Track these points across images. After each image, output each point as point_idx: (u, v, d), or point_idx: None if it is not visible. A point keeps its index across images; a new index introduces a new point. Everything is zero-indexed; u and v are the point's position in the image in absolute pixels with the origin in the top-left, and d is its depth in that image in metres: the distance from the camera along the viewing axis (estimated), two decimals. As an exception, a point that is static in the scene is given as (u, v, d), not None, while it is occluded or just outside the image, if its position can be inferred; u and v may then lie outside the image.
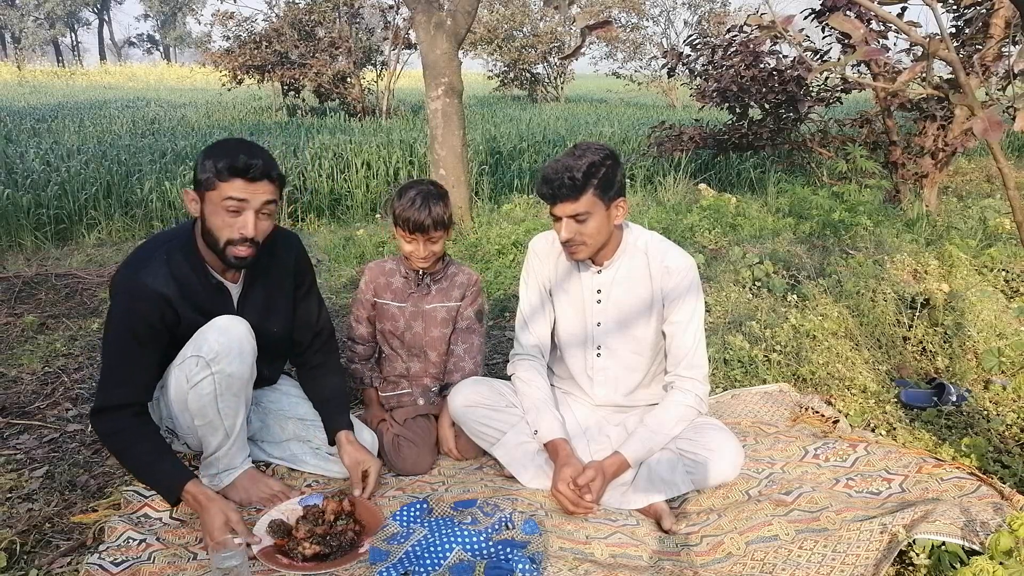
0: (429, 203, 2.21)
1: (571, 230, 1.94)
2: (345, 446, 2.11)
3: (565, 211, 1.92)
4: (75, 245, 5.50)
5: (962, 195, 6.58)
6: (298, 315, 2.19)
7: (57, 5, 47.24)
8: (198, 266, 1.92)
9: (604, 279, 2.09)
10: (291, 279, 2.14)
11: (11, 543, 1.86)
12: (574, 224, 1.93)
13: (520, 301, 2.26)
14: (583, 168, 1.87)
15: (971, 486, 1.95)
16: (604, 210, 1.94)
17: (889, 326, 3.10)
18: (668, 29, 22.08)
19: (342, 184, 7.00)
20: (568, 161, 1.90)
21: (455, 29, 4.97)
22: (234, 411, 1.94)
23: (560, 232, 1.97)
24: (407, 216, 2.21)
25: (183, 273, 1.89)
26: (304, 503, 1.97)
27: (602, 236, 1.98)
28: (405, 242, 2.27)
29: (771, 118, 6.77)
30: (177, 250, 1.90)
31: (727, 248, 4.71)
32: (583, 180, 1.88)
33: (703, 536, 1.86)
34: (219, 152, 1.81)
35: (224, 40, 14.89)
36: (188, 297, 1.89)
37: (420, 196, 2.21)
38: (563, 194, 1.90)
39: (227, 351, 1.85)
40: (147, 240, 1.98)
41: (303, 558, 1.78)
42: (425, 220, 2.20)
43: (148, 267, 1.86)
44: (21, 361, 3.10)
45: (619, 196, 1.97)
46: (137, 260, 1.88)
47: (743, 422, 2.51)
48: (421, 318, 2.39)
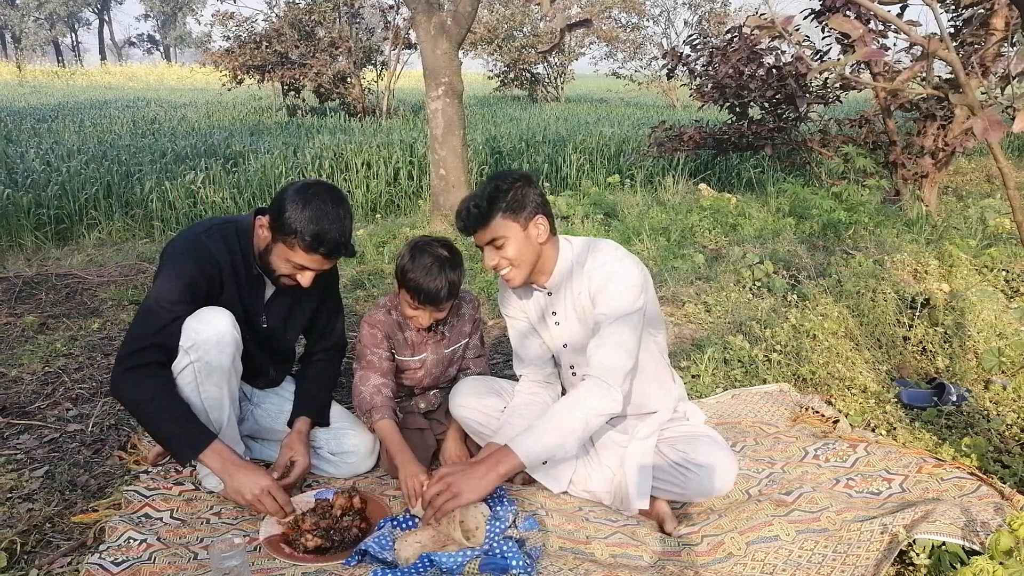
0: (445, 272, 2.05)
1: (492, 256, 1.93)
2: (292, 433, 2.13)
3: (481, 239, 1.93)
4: (75, 245, 5.51)
5: (962, 195, 6.58)
6: (317, 325, 2.26)
7: (58, 5, 47.25)
8: (247, 253, 1.99)
9: (556, 301, 2.06)
10: (319, 294, 2.19)
11: (11, 543, 1.86)
12: (494, 251, 1.92)
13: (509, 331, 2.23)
14: (487, 195, 1.89)
15: (971, 486, 1.95)
16: (521, 231, 1.90)
17: (889, 326, 3.10)
18: (668, 29, 22.10)
19: (342, 184, 7.01)
20: (476, 192, 1.94)
21: (455, 30, 4.97)
22: (218, 404, 1.95)
23: (485, 261, 1.97)
24: (419, 285, 2.03)
25: (234, 252, 1.97)
26: (319, 496, 2.00)
27: (527, 257, 1.93)
28: (409, 307, 2.12)
29: (771, 117, 6.77)
30: (234, 233, 1.98)
31: (727, 248, 4.71)
32: (488, 206, 1.88)
33: (703, 536, 1.86)
34: (312, 216, 1.81)
35: (224, 40, 14.90)
36: (234, 275, 1.97)
37: (436, 264, 2.04)
38: (471, 223, 1.91)
39: (205, 340, 1.87)
40: (205, 219, 2.05)
41: (304, 550, 1.79)
42: (440, 292, 2.05)
43: (209, 235, 1.94)
44: (21, 361, 3.10)
45: (536, 214, 1.92)
46: (199, 228, 1.97)
47: (743, 422, 2.51)
48: (440, 364, 2.34)
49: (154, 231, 5.89)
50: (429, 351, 2.30)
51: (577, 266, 2.00)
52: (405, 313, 2.17)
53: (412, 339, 2.27)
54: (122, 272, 4.52)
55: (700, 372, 2.92)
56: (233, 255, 1.96)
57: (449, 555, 1.68)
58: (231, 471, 1.84)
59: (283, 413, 2.25)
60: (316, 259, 1.87)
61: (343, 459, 2.23)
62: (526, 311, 2.16)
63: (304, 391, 2.25)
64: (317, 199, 1.84)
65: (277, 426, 2.24)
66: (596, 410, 1.83)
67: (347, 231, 1.89)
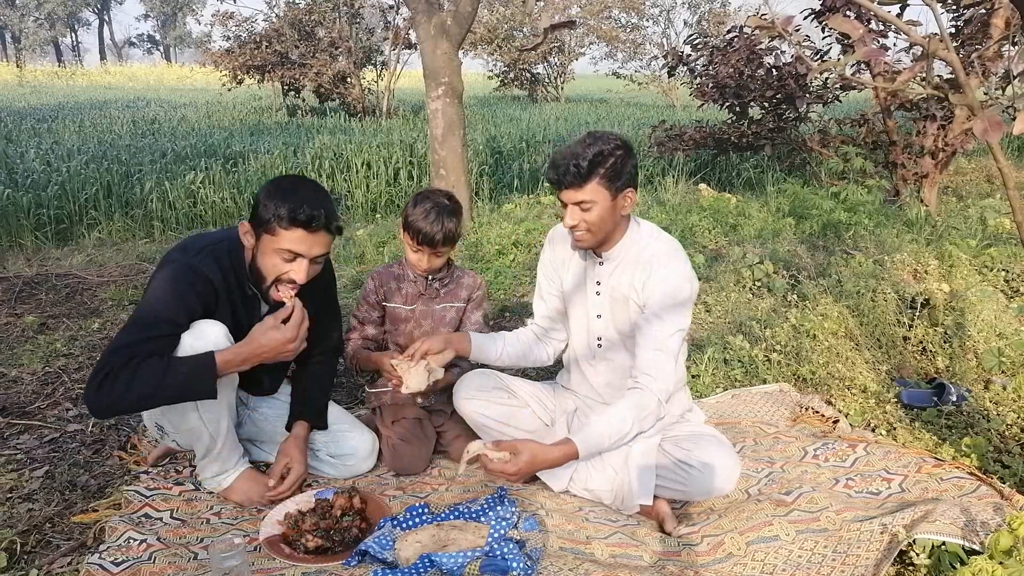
0: (442, 218, 2.20)
1: (575, 217, 1.96)
2: (290, 438, 2.13)
3: (570, 198, 1.94)
4: (75, 245, 5.50)
5: (962, 195, 6.58)
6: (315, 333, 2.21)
7: (58, 5, 47.22)
8: (240, 273, 1.96)
9: (603, 271, 2.09)
10: (315, 304, 2.16)
11: (11, 543, 1.86)
12: (578, 211, 1.95)
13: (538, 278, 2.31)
14: (589, 157, 1.88)
15: (971, 486, 1.95)
16: (610, 200, 1.94)
17: (889, 326, 3.10)
18: (668, 29, 22.09)
19: (342, 184, 7.01)
20: (577, 148, 1.91)
21: (456, 30, 4.97)
22: (216, 413, 1.94)
23: (565, 218, 1.99)
24: (418, 227, 2.20)
25: (228, 273, 1.93)
26: (319, 496, 2.00)
27: (606, 226, 1.98)
28: (411, 249, 2.29)
29: (771, 117, 6.77)
30: (226, 253, 1.94)
31: (727, 248, 4.71)
32: (588, 169, 1.89)
33: (703, 536, 1.86)
34: (284, 196, 1.82)
35: (224, 40, 14.90)
36: (228, 293, 1.94)
37: (435, 210, 2.20)
38: (568, 181, 1.91)
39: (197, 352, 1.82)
40: (194, 236, 2.01)
41: (304, 550, 1.79)
42: (436, 235, 2.20)
43: (203, 255, 1.90)
44: (21, 361, 3.10)
45: (627, 187, 1.96)
46: (192, 246, 1.93)
47: (743, 422, 2.51)
48: (430, 318, 2.40)
49: (154, 231, 5.89)
50: (420, 303, 2.39)
51: (638, 249, 2.05)
52: (408, 258, 2.33)
53: (407, 290, 2.39)
54: (122, 272, 4.52)
55: (700, 372, 2.91)
56: (227, 277, 1.92)
57: (450, 555, 1.68)
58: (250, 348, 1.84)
59: (280, 417, 2.24)
60: (298, 234, 1.82)
61: (342, 461, 2.23)
62: (563, 272, 2.19)
63: (301, 394, 2.24)
64: (287, 184, 1.89)
65: (275, 430, 2.23)
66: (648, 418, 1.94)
67: (323, 204, 1.84)
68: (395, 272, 2.41)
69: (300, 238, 1.83)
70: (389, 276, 2.41)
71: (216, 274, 1.89)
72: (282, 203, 1.80)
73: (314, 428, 2.20)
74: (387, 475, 2.27)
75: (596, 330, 2.14)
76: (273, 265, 1.87)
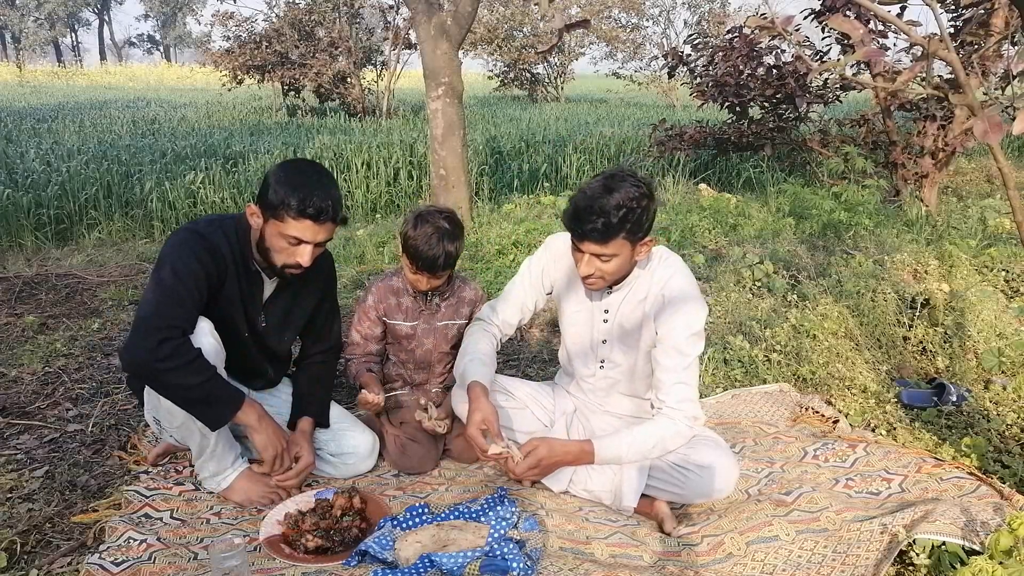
0: (443, 243, 2.12)
1: (592, 267, 1.88)
2: (296, 432, 2.16)
3: (590, 249, 1.85)
4: (75, 245, 5.51)
5: (962, 195, 6.59)
6: (315, 326, 2.27)
7: (58, 5, 47.22)
8: (246, 249, 2.00)
9: (612, 300, 2.04)
10: (318, 294, 2.21)
11: (11, 543, 1.86)
12: (596, 262, 1.87)
13: (513, 280, 2.20)
14: (618, 215, 1.77)
15: (971, 486, 1.95)
16: (629, 251, 1.87)
17: (889, 326, 3.10)
18: (668, 29, 22.10)
19: (342, 184, 7.01)
20: (602, 199, 1.79)
21: (456, 30, 4.97)
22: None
23: (580, 265, 1.90)
24: (418, 253, 2.12)
25: (234, 247, 1.98)
26: (319, 496, 2.00)
27: (622, 273, 1.93)
28: (409, 271, 2.22)
29: (771, 117, 6.77)
30: (233, 228, 1.98)
31: (727, 248, 4.71)
32: (616, 227, 1.78)
33: (703, 536, 1.86)
34: (294, 184, 1.83)
35: (224, 40, 14.89)
36: (235, 268, 1.97)
37: (436, 235, 2.11)
38: (593, 236, 1.81)
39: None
40: (201, 218, 2.05)
41: (304, 550, 1.79)
42: (437, 260, 2.12)
43: (211, 230, 1.95)
44: (21, 361, 3.10)
45: (646, 237, 1.88)
46: (200, 225, 1.97)
47: (743, 422, 2.51)
48: (432, 335, 2.37)
49: (154, 231, 5.89)
50: (422, 320, 2.35)
51: (649, 275, 2.00)
52: (407, 276, 2.26)
53: (408, 306, 2.34)
54: (122, 272, 4.52)
55: (700, 372, 2.91)
56: (233, 250, 1.97)
57: (450, 556, 1.68)
58: (265, 423, 1.97)
59: (280, 415, 2.23)
60: (306, 224, 1.85)
61: (343, 460, 2.23)
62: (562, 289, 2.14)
63: (303, 392, 2.25)
64: (297, 170, 1.90)
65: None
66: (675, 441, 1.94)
67: (332, 195, 1.87)
68: (394, 287, 2.35)
69: (307, 227, 1.86)
70: (388, 291, 2.34)
71: (224, 246, 1.94)
72: (292, 193, 1.82)
73: (317, 426, 2.21)
74: (387, 475, 2.27)
75: (601, 353, 2.12)
76: (280, 248, 1.91)
